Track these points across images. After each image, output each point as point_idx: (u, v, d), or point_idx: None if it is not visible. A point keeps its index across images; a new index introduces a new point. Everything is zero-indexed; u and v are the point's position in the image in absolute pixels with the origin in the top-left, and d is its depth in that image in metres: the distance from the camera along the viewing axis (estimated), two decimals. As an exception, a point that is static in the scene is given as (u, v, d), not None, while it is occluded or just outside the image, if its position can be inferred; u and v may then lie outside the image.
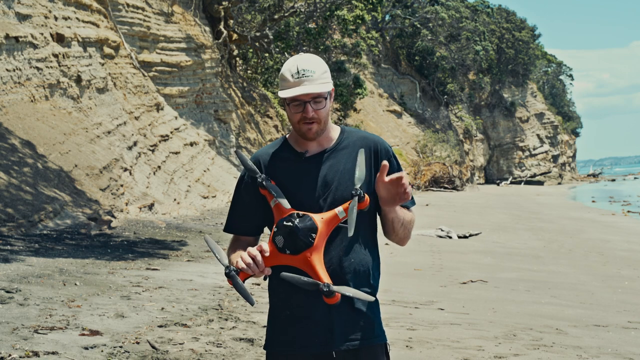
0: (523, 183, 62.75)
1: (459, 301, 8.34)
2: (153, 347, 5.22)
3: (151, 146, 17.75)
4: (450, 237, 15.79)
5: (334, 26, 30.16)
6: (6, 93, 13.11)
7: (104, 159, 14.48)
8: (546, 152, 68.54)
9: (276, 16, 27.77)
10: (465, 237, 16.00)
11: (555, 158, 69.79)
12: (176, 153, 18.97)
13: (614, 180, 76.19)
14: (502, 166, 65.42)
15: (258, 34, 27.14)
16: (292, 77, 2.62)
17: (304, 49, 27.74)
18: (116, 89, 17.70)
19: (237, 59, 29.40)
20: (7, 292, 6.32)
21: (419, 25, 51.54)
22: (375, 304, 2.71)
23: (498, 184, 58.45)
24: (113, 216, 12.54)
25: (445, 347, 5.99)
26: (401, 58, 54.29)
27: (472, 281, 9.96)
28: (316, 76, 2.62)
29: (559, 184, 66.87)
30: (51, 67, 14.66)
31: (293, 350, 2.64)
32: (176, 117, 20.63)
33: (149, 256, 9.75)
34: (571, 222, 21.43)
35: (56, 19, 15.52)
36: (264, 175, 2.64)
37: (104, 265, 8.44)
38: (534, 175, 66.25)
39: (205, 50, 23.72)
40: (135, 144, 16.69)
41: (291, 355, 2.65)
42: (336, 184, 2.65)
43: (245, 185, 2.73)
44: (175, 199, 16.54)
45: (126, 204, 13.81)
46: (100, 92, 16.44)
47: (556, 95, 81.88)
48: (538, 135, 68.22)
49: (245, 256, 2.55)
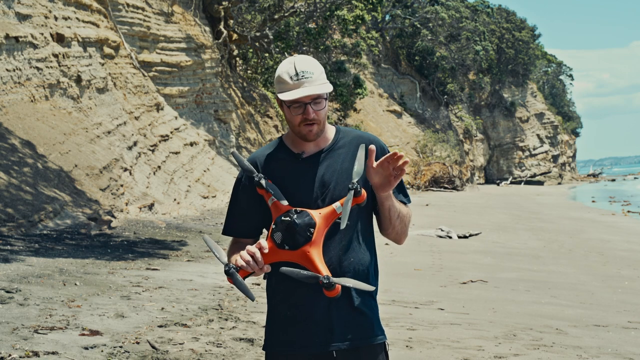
0: (523, 183, 62.74)
1: (459, 301, 8.34)
2: (153, 347, 5.22)
3: (151, 146, 17.75)
4: (450, 237, 15.79)
5: (334, 26, 30.15)
6: (6, 93, 13.11)
7: (104, 159, 14.48)
8: (546, 152, 68.54)
9: (276, 16, 27.77)
10: (465, 237, 16.00)
11: (555, 158, 69.79)
12: (176, 153, 18.98)
13: (614, 180, 76.19)
14: (502, 166, 65.42)
15: (258, 34, 27.14)
16: (291, 80, 2.61)
17: (304, 49, 27.75)
18: (116, 89, 17.70)
19: (237, 59, 29.41)
20: (7, 292, 6.32)
21: (419, 25, 51.54)
22: (374, 303, 2.72)
23: (498, 184, 58.45)
24: (113, 216, 12.54)
25: (445, 347, 5.99)
26: (401, 58, 54.29)
27: (472, 281, 9.96)
28: (315, 77, 2.62)
29: (559, 184, 66.87)
30: (51, 67, 14.66)
31: (293, 350, 2.64)
32: (176, 117, 20.63)
33: (149, 256, 9.75)
34: (571, 222, 21.43)
35: (56, 19, 15.53)
36: (261, 175, 2.64)
37: (104, 265, 8.44)
38: (534, 175, 66.25)
39: (205, 50, 23.73)
40: (135, 144, 16.69)
41: (291, 355, 2.65)
42: (334, 184, 2.65)
43: (243, 187, 2.73)
44: (175, 199, 16.54)
45: (126, 204, 13.82)
46: (100, 92, 16.44)
47: (556, 95, 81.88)
48: (538, 135, 68.22)
49: (244, 254, 2.55)
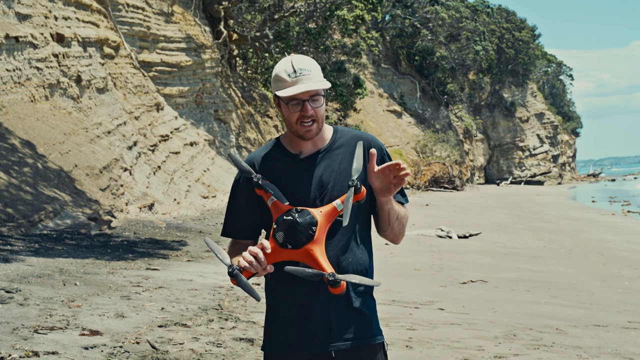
0: (523, 183, 62.75)
1: (459, 301, 8.34)
2: (153, 347, 5.22)
3: (151, 146, 17.75)
4: (450, 237, 15.79)
5: (334, 26, 30.15)
6: (6, 93, 13.11)
7: (104, 159, 14.48)
8: (546, 152, 68.55)
9: (276, 16, 27.78)
10: (465, 237, 16.00)
11: (555, 158, 69.79)
12: (176, 153, 18.98)
13: (614, 180, 76.20)
14: (502, 166, 65.42)
15: (258, 34, 27.14)
16: (289, 77, 2.61)
17: (304, 49, 27.75)
18: (116, 89, 17.70)
19: (237, 59, 29.41)
20: (7, 292, 6.32)
21: (419, 25, 51.54)
22: (373, 303, 2.72)
23: (498, 184, 58.46)
24: (113, 216, 12.54)
25: (445, 347, 5.99)
26: (401, 58, 54.29)
27: (472, 281, 9.96)
28: (313, 74, 2.62)
29: (559, 184, 66.87)
30: (51, 67, 14.66)
31: (292, 350, 2.64)
32: (176, 117, 20.63)
33: (149, 256, 9.75)
34: (571, 222, 21.43)
35: (56, 19, 15.53)
36: (259, 175, 2.63)
37: (104, 265, 8.44)
38: (534, 175, 66.26)
39: (205, 50, 23.73)
40: (135, 144, 16.69)
41: (290, 356, 2.65)
42: (332, 184, 2.65)
43: (241, 188, 2.72)
44: (175, 199, 16.54)
45: (126, 204, 13.81)
46: (100, 92, 16.44)
47: (556, 95, 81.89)
48: (538, 135, 68.23)
49: (247, 255, 2.54)
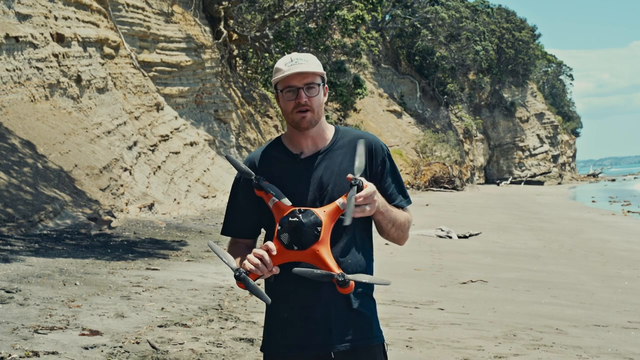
0: (523, 183, 62.75)
1: (459, 301, 8.34)
2: (153, 347, 5.22)
3: (151, 146, 17.75)
4: (450, 237, 15.79)
5: (334, 26, 30.15)
6: (6, 93, 13.11)
7: (104, 159, 14.48)
8: (546, 152, 68.55)
9: (276, 16, 27.77)
10: (465, 237, 16.00)
11: (555, 158, 69.80)
12: (176, 153, 18.98)
13: (614, 180, 76.19)
14: (502, 166, 65.42)
15: (258, 34, 27.14)
16: (285, 66, 2.64)
17: (304, 49, 27.74)
18: (116, 89, 17.70)
19: (237, 59, 29.40)
20: (7, 292, 6.32)
21: (419, 25, 51.54)
22: (373, 304, 2.71)
23: (498, 184, 58.46)
24: (113, 216, 12.54)
25: (445, 347, 5.99)
26: (401, 58, 54.29)
27: (472, 281, 9.96)
28: (309, 64, 2.65)
29: (559, 184, 66.87)
30: (51, 67, 14.66)
31: (291, 351, 2.63)
32: (176, 117, 20.63)
33: (149, 256, 9.75)
34: (571, 222, 21.43)
35: (56, 19, 15.53)
36: (259, 176, 2.62)
37: (104, 265, 8.43)
38: (534, 175, 66.26)
39: (205, 50, 23.73)
40: (135, 144, 16.69)
41: (290, 357, 2.64)
42: (332, 185, 2.63)
43: (241, 187, 2.72)
44: (175, 199, 16.54)
45: (126, 204, 13.81)
46: (100, 92, 16.44)
47: (556, 95, 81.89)
48: (538, 135, 68.23)
49: (252, 257, 2.53)
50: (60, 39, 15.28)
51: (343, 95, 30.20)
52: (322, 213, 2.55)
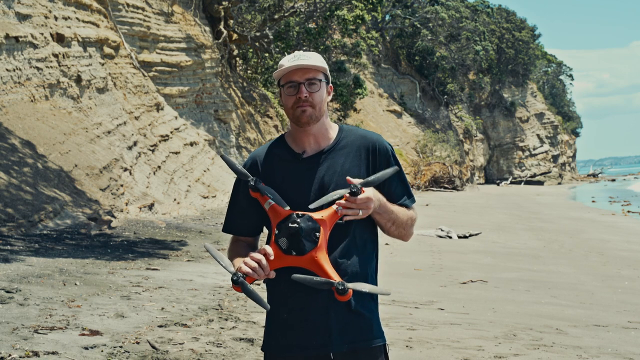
0: (523, 183, 62.74)
1: (459, 301, 8.34)
2: (153, 347, 5.22)
3: (151, 146, 17.75)
4: (450, 237, 15.78)
5: (334, 26, 30.15)
6: (6, 93, 13.11)
7: (104, 159, 14.48)
8: (546, 152, 68.55)
9: (276, 16, 27.77)
10: (465, 237, 16.00)
11: (555, 158, 69.79)
12: (176, 153, 18.97)
13: (614, 180, 76.19)
14: (502, 166, 65.42)
15: (258, 34, 27.14)
16: (288, 61, 2.64)
17: (304, 49, 27.74)
18: (116, 89, 17.69)
19: (237, 59, 29.40)
20: (7, 292, 6.32)
21: (419, 25, 51.54)
22: (374, 305, 2.69)
23: (498, 184, 58.45)
24: (113, 216, 12.54)
25: (445, 347, 5.98)
26: (401, 58, 54.29)
27: (472, 281, 9.96)
28: (312, 59, 2.64)
29: (559, 184, 66.87)
30: (51, 67, 14.66)
31: (291, 352, 2.63)
32: (176, 117, 20.62)
33: (149, 256, 9.75)
34: (571, 222, 21.43)
35: (56, 19, 15.52)
36: (255, 178, 2.60)
37: (104, 265, 8.43)
38: (534, 175, 66.25)
39: (205, 50, 23.73)
40: (135, 144, 16.69)
41: (289, 358, 2.64)
42: (333, 186, 2.62)
43: (242, 186, 2.71)
44: (175, 199, 16.53)
45: (126, 204, 13.81)
46: (100, 92, 16.44)
47: (556, 95, 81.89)
48: (538, 135, 68.22)
49: (249, 261, 2.52)
50: (60, 39, 15.28)
51: (343, 95, 30.20)
52: (320, 218, 2.53)
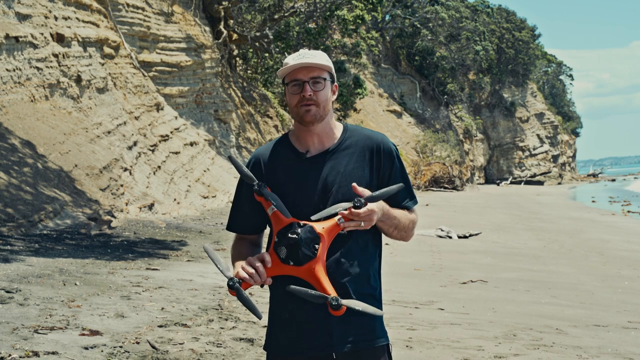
0: (523, 183, 62.74)
1: (459, 301, 8.34)
2: (153, 347, 5.22)
3: (151, 146, 17.75)
4: (450, 237, 15.78)
5: (334, 26, 30.15)
6: (6, 93, 13.11)
7: (104, 159, 14.48)
8: (546, 152, 68.55)
9: (276, 16, 27.78)
10: (465, 237, 16.00)
11: (555, 158, 69.80)
12: (176, 153, 18.97)
13: (614, 180, 76.19)
14: (502, 166, 65.42)
15: (258, 34, 27.14)
16: (293, 59, 2.63)
17: (304, 49, 27.74)
18: (116, 89, 17.69)
19: (237, 59, 29.40)
20: (7, 292, 6.32)
21: (419, 25, 51.55)
22: (378, 304, 2.67)
23: (498, 184, 58.45)
24: (113, 216, 12.54)
25: (445, 347, 5.98)
26: (401, 58, 54.30)
27: (472, 281, 9.96)
28: (317, 58, 2.63)
29: (559, 184, 66.87)
30: (51, 67, 14.66)
31: (293, 352, 2.63)
32: (176, 117, 20.63)
33: (149, 256, 9.75)
34: (571, 222, 21.43)
35: (56, 19, 15.52)
36: (261, 182, 2.59)
37: (104, 265, 8.43)
38: (534, 175, 66.26)
39: (205, 50, 23.73)
40: (135, 143, 16.69)
41: (291, 358, 2.64)
42: (337, 187, 2.60)
43: (246, 187, 2.70)
44: (175, 199, 16.53)
45: (126, 204, 13.81)
46: (100, 92, 16.44)
47: (556, 95, 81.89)
48: (538, 135, 68.23)
49: (247, 266, 2.52)
50: (60, 39, 15.28)
51: (343, 95, 30.21)
52: (321, 229, 2.51)
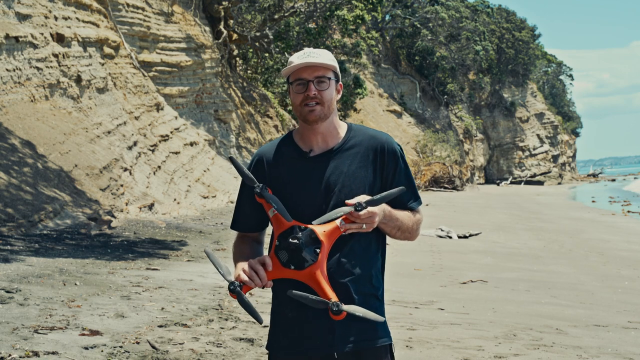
0: (523, 183, 62.74)
1: (459, 301, 8.34)
2: (153, 347, 5.22)
3: (151, 146, 17.75)
4: (450, 237, 15.78)
5: (334, 26, 30.17)
6: (6, 93, 13.11)
7: (104, 159, 14.48)
8: (546, 152, 68.55)
9: (276, 16, 27.78)
10: (465, 237, 15.99)
11: (555, 158, 69.80)
12: (176, 153, 18.97)
13: (614, 180, 76.20)
14: (502, 166, 65.43)
15: (258, 34, 27.14)
16: (297, 58, 2.63)
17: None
18: (116, 89, 17.69)
19: (237, 59, 29.41)
20: (7, 292, 6.32)
21: (419, 25, 51.56)
22: (379, 305, 2.68)
23: (498, 184, 58.45)
24: (113, 216, 12.54)
25: (445, 347, 5.98)
26: (401, 58, 54.30)
27: (472, 281, 9.96)
28: (322, 58, 2.63)
29: (559, 184, 66.87)
30: (51, 67, 14.66)
31: (294, 352, 2.63)
32: (176, 117, 20.63)
33: (149, 256, 9.75)
34: (571, 222, 21.43)
35: (56, 19, 15.52)
36: (262, 185, 2.59)
37: (104, 265, 8.43)
38: (534, 175, 66.26)
39: (205, 50, 23.73)
40: (135, 144, 16.69)
41: (293, 357, 2.64)
42: (339, 186, 2.60)
43: (248, 188, 2.71)
44: (175, 199, 16.53)
45: (126, 204, 13.81)
46: (100, 92, 16.44)
47: (556, 95, 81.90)
48: (538, 135, 68.23)
49: (248, 269, 2.52)
50: (60, 39, 15.28)
51: (343, 95, 30.22)
52: (322, 233, 2.51)
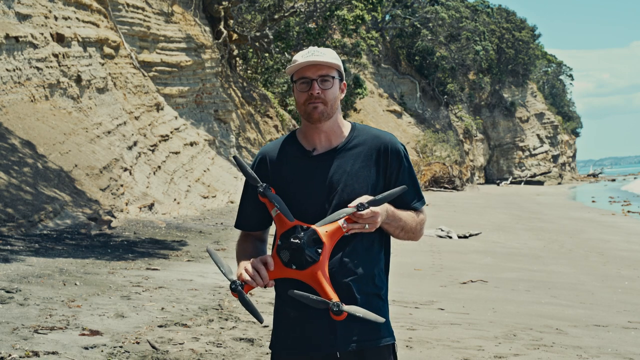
0: (523, 183, 62.75)
1: (459, 301, 8.34)
2: (153, 347, 5.22)
3: (151, 146, 17.75)
4: (450, 237, 15.78)
5: (334, 26, 30.16)
6: (6, 93, 13.11)
7: (104, 159, 14.48)
8: (546, 152, 68.56)
9: (276, 16, 27.78)
10: (465, 237, 16.00)
11: (555, 158, 69.80)
12: (176, 153, 18.98)
13: (614, 180, 76.20)
14: (502, 166, 65.43)
15: (258, 34, 27.14)
16: (301, 57, 2.62)
17: (304, 49, 27.75)
18: (116, 89, 17.70)
19: (237, 59, 29.41)
20: (7, 292, 6.32)
21: (419, 25, 51.56)
22: (382, 304, 2.67)
23: (498, 184, 58.45)
24: (113, 216, 12.54)
25: (445, 347, 5.98)
26: (401, 58, 54.30)
27: (472, 281, 9.96)
28: (326, 57, 2.62)
29: (559, 184, 66.87)
30: (51, 67, 14.66)
31: (297, 351, 2.63)
32: (176, 117, 20.63)
33: (149, 256, 9.75)
34: (571, 222, 21.43)
35: (56, 19, 15.53)
36: (265, 184, 2.60)
37: (104, 265, 8.43)
38: (534, 175, 66.26)
39: (205, 50, 23.73)
40: (135, 144, 16.69)
41: (296, 356, 2.64)
42: (342, 186, 2.60)
43: (251, 187, 2.71)
44: (175, 199, 16.54)
45: (126, 204, 13.81)
46: (100, 92, 16.44)
47: (556, 95, 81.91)
48: (538, 135, 68.23)
49: (250, 268, 2.53)
50: (60, 39, 15.28)
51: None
52: (324, 234, 2.51)
